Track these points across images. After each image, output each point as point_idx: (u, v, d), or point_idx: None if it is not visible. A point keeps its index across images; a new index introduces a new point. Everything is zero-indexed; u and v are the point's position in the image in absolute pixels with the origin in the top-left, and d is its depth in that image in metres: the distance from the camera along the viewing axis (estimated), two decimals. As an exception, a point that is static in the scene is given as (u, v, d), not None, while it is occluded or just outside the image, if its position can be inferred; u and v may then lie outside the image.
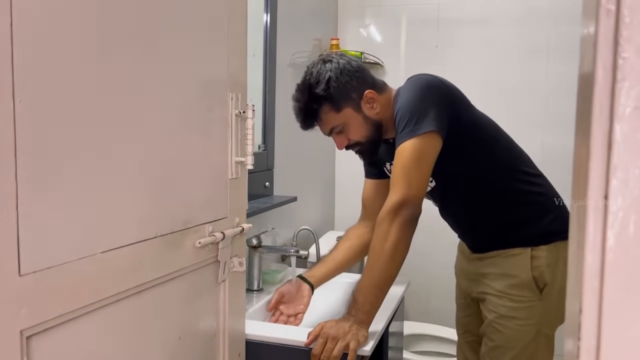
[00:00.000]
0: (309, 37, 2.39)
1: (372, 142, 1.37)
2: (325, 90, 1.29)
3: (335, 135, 1.36)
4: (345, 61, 1.32)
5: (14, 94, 0.62)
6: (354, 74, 1.32)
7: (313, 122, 1.35)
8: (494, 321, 1.37)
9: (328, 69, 1.30)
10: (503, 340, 1.35)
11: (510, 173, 1.37)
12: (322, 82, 1.29)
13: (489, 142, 1.36)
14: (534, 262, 1.32)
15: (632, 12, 0.32)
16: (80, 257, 0.73)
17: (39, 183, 0.66)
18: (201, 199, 1.01)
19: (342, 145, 1.37)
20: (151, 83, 0.86)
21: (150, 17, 0.85)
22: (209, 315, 1.08)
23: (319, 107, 1.31)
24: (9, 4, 0.61)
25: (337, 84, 1.29)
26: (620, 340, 0.34)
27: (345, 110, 1.32)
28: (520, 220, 1.36)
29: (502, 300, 1.35)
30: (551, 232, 1.34)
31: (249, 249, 1.62)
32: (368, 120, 1.34)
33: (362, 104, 1.32)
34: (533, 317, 1.33)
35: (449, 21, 2.54)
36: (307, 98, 1.31)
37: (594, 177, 0.33)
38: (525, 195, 1.37)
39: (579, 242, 0.35)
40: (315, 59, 1.37)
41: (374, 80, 1.37)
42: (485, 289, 1.40)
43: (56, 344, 0.71)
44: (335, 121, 1.33)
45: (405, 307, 1.96)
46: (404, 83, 1.36)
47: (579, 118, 0.38)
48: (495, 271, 1.37)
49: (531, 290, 1.32)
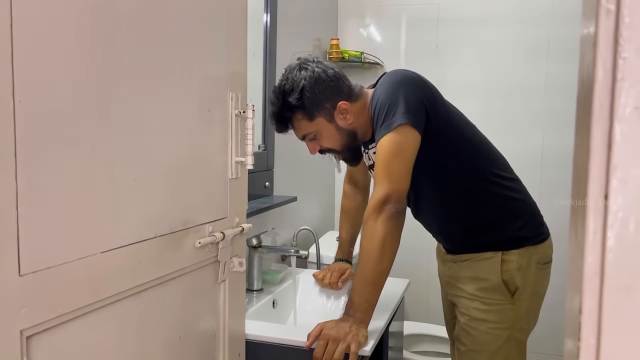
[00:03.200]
0: (309, 37, 2.39)
1: (348, 149, 1.39)
2: (298, 100, 1.29)
3: (308, 141, 1.38)
4: (321, 70, 1.31)
5: (14, 94, 0.62)
6: (329, 83, 1.31)
7: (286, 128, 1.37)
8: (466, 324, 1.37)
9: (302, 77, 1.30)
10: (474, 344, 1.36)
11: (483, 175, 1.35)
12: (295, 91, 1.29)
13: (463, 142, 1.34)
14: (504, 265, 1.32)
15: (632, 12, 0.32)
16: (80, 257, 0.73)
17: (39, 183, 0.66)
18: (201, 199, 1.01)
19: (314, 150, 1.39)
20: (151, 83, 0.86)
21: (150, 17, 0.85)
22: (209, 315, 1.08)
23: (292, 115, 1.32)
24: (9, 4, 0.61)
25: (310, 93, 1.29)
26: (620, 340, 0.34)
27: (318, 120, 1.32)
28: (491, 224, 1.36)
29: (473, 303, 1.36)
30: (522, 237, 1.34)
31: (249, 249, 1.62)
32: (341, 130, 1.34)
33: (335, 114, 1.32)
34: (505, 321, 1.33)
35: (449, 21, 2.54)
36: (280, 104, 1.32)
37: (594, 177, 0.33)
38: (496, 198, 1.36)
39: (579, 242, 0.35)
40: (293, 62, 1.36)
41: (349, 88, 1.36)
42: (457, 292, 1.41)
43: (56, 344, 0.71)
44: (307, 129, 1.34)
45: (405, 307, 1.96)
46: (379, 78, 1.36)
47: (579, 118, 0.38)
48: (467, 274, 1.38)
49: (502, 293, 1.32)
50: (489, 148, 1.40)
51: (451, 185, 1.36)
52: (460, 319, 1.40)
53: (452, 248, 1.44)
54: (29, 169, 0.64)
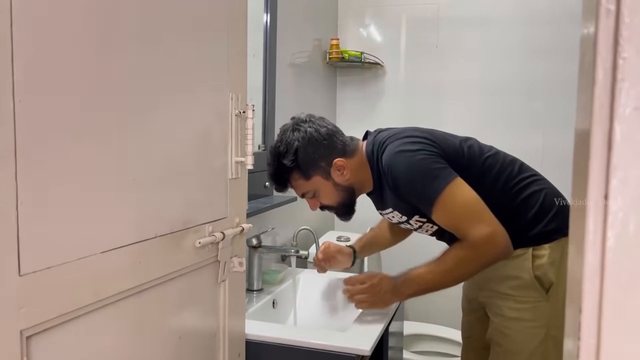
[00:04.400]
0: (309, 37, 2.39)
1: (344, 205, 1.41)
2: (293, 162, 1.32)
3: (308, 199, 1.40)
4: (314, 129, 1.33)
5: (14, 94, 0.62)
6: (322, 142, 1.33)
7: (285, 188, 1.40)
8: (501, 324, 1.35)
9: (295, 138, 1.32)
10: (511, 344, 1.33)
11: (503, 189, 1.34)
12: (290, 153, 1.32)
13: (474, 170, 1.33)
14: (536, 261, 1.30)
15: (632, 12, 0.32)
16: (80, 257, 0.73)
17: (39, 183, 0.66)
18: (201, 199, 1.01)
19: (314, 207, 1.42)
20: (151, 83, 0.86)
21: (150, 17, 0.85)
22: (209, 315, 1.08)
23: (289, 176, 1.36)
24: (9, 4, 0.61)
25: (304, 154, 1.32)
26: (620, 340, 0.34)
27: (315, 178, 1.35)
28: (520, 226, 1.33)
29: (507, 302, 1.33)
30: (552, 230, 1.32)
31: (249, 249, 1.62)
32: (338, 187, 1.36)
33: (331, 171, 1.34)
34: (540, 319, 1.30)
35: (449, 21, 2.54)
36: (276, 166, 1.36)
37: (594, 177, 0.33)
38: (521, 203, 1.34)
39: (579, 242, 0.35)
40: (289, 122, 1.39)
41: (344, 144, 1.37)
42: (489, 292, 1.38)
43: (56, 344, 0.71)
44: (305, 188, 1.37)
45: (405, 307, 1.96)
46: (375, 136, 1.37)
47: (579, 118, 0.38)
48: (498, 274, 1.34)
49: (535, 290, 1.30)
50: (503, 159, 1.38)
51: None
52: (494, 319, 1.37)
53: None
54: (29, 169, 0.64)
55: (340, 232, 2.38)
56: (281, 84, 1.99)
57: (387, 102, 2.62)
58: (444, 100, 2.56)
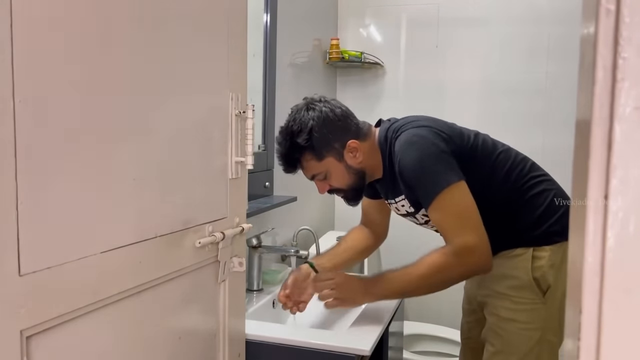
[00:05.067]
0: (309, 37, 2.39)
1: (354, 189, 1.39)
2: (307, 141, 1.29)
3: (318, 181, 1.37)
4: (329, 109, 1.32)
5: (14, 94, 0.62)
6: (337, 123, 1.31)
7: (294, 169, 1.37)
8: (495, 324, 1.34)
9: (310, 117, 1.30)
10: (503, 345, 1.32)
11: (513, 186, 1.34)
12: (304, 132, 1.29)
13: (487, 163, 1.34)
14: (535, 262, 1.29)
15: (632, 12, 0.32)
16: (80, 257, 0.73)
17: (39, 183, 0.66)
18: (201, 199, 1.01)
19: (323, 190, 1.39)
20: (151, 83, 0.86)
21: (150, 17, 0.85)
22: (209, 315, 1.08)
23: (301, 156, 1.32)
24: (9, 4, 0.61)
25: (318, 134, 1.29)
26: (620, 340, 0.34)
27: (327, 160, 1.32)
28: (524, 224, 1.33)
29: (503, 302, 1.32)
30: (555, 232, 1.31)
31: (249, 249, 1.62)
32: (350, 169, 1.34)
33: (344, 153, 1.32)
34: (535, 321, 1.29)
35: (449, 21, 2.54)
36: (288, 145, 1.32)
37: (594, 177, 0.33)
38: (532, 200, 1.33)
39: (579, 242, 0.35)
40: (301, 102, 1.36)
41: (357, 127, 1.36)
42: (487, 291, 1.38)
43: (56, 344, 0.71)
44: (317, 169, 1.34)
45: (405, 307, 1.96)
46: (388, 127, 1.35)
47: (579, 118, 0.38)
48: (497, 272, 1.33)
49: (533, 291, 1.29)
50: (515, 156, 1.38)
51: (487, 203, 1.32)
52: (489, 319, 1.37)
53: None
54: (29, 169, 0.64)
55: (340, 232, 2.38)
56: (281, 84, 1.99)
57: (387, 102, 2.62)
58: (444, 100, 2.56)
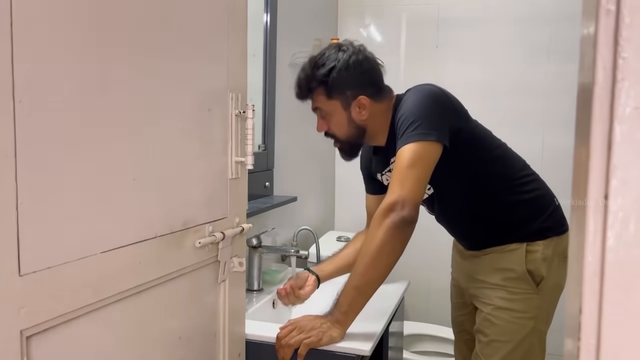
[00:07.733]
0: (309, 37, 2.39)
1: (350, 143, 1.39)
2: (325, 76, 1.31)
3: (319, 117, 1.38)
4: (356, 59, 1.32)
5: (14, 94, 0.62)
6: (357, 74, 1.31)
7: (306, 97, 1.37)
8: (490, 314, 1.35)
9: (336, 58, 1.31)
10: (497, 333, 1.34)
11: (507, 182, 1.37)
12: (325, 67, 1.31)
13: (486, 153, 1.36)
14: (529, 255, 1.33)
15: (632, 12, 0.32)
16: (80, 257, 0.73)
17: (39, 183, 0.66)
18: (201, 199, 1.01)
19: (321, 128, 1.39)
20: (151, 83, 0.86)
21: (150, 17, 0.85)
22: (209, 315, 1.08)
23: (315, 87, 1.34)
24: (9, 4, 0.61)
25: (337, 74, 1.30)
26: (620, 340, 0.34)
27: (334, 102, 1.33)
28: (517, 222, 1.37)
29: (498, 292, 1.35)
30: (547, 228, 1.35)
31: (249, 249, 1.62)
32: (352, 122, 1.34)
33: (352, 104, 1.33)
34: (530, 311, 1.32)
35: (449, 21, 2.54)
36: (308, 74, 1.34)
37: (594, 177, 0.33)
38: (521, 199, 1.37)
39: (579, 242, 0.35)
40: (344, 40, 1.38)
41: (378, 87, 1.36)
42: (480, 284, 1.40)
43: (56, 344, 0.71)
44: (322, 105, 1.35)
45: (405, 307, 1.96)
46: (405, 92, 1.36)
47: (579, 118, 0.38)
48: (491, 266, 1.37)
49: (527, 282, 1.32)
50: (510, 152, 1.42)
51: (479, 192, 1.36)
52: (482, 309, 1.38)
53: (475, 247, 1.44)
54: (29, 169, 0.64)
55: (340, 232, 2.38)
56: (281, 84, 1.99)
57: (387, 102, 2.62)
58: (444, 100, 2.55)
